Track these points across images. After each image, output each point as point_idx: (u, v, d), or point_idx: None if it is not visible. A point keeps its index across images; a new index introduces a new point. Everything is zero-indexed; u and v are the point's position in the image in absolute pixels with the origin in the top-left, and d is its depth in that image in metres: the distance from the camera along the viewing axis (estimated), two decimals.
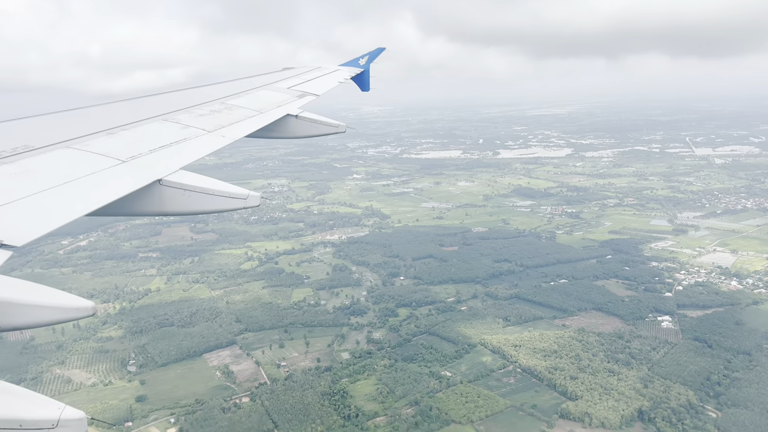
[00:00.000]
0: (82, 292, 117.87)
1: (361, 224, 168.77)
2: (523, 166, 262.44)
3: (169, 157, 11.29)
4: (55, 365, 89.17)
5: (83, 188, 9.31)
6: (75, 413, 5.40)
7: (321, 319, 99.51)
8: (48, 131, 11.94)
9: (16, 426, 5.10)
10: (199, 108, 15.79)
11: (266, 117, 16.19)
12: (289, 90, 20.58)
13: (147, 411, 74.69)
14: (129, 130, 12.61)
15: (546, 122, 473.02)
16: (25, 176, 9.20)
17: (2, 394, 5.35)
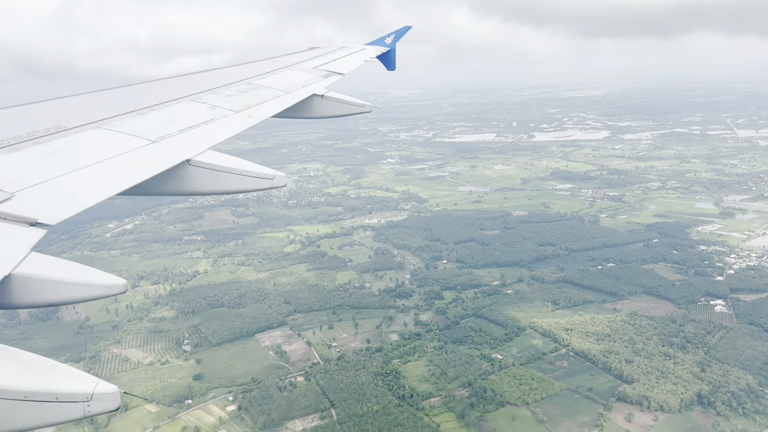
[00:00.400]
0: (132, 274, 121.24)
1: (399, 208, 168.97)
2: (560, 149, 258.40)
3: (197, 138, 11.38)
4: (112, 345, 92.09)
5: (114, 168, 9.44)
6: (108, 387, 5.44)
7: (367, 302, 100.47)
8: (79, 112, 12.09)
9: (52, 398, 5.16)
10: (226, 88, 15.87)
11: (292, 97, 16.18)
12: (315, 70, 20.50)
13: (205, 389, 76.80)
14: (158, 111, 12.78)
15: (580, 104, 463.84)
16: (58, 156, 9.33)
17: (40, 368, 5.43)
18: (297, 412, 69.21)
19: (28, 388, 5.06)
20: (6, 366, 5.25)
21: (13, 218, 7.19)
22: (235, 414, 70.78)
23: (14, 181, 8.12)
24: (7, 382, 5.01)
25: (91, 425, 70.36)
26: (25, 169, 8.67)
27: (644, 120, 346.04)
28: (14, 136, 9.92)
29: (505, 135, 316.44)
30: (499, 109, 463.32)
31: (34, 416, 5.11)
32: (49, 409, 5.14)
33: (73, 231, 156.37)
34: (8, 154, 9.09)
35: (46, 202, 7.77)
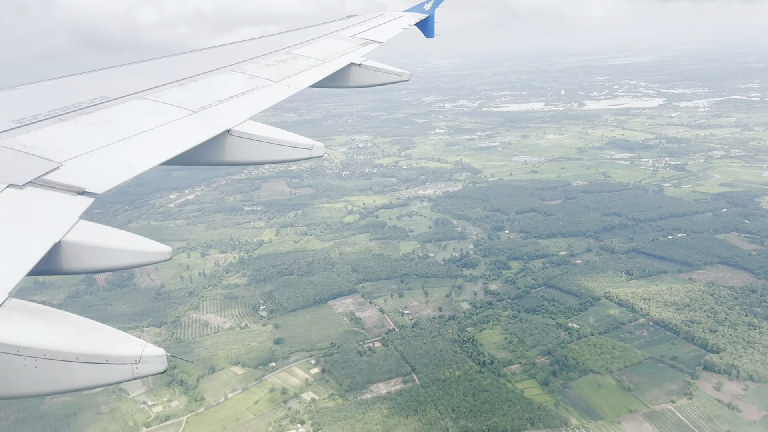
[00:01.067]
0: (200, 243, 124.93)
1: (453, 179, 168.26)
2: (614, 117, 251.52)
3: (237, 108, 11.38)
4: (190, 310, 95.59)
5: (158, 138, 9.48)
6: (156, 350, 5.51)
7: (434, 271, 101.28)
8: (123, 83, 12.19)
9: (102, 360, 5.27)
10: (265, 58, 15.77)
11: (330, 66, 16.04)
12: (353, 38, 20.22)
13: (287, 353, 79.36)
14: (199, 81, 12.77)
15: (630, 71, 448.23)
16: (103, 126, 9.40)
17: (91, 332, 5.55)
18: (380, 376, 71.05)
19: (80, 351, 5.19)
20: (60, 329, 5.38)
21: (61, 187, 7.32)
22: (319, 376, 73.10)
23: (62, 151, 8.24)
24: (60, 345, 5.15)
25: (182, 386, 73.82)
26: (71, 139, 8.77)
27: (699, 87, 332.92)
28: (61, 106, 10.01)
29: (554, 104, 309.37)
30: (544, 77, 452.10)
31: (86, 377, 5.25)
32: (100, 370, 5.26)
33: (137, 201, 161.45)
34: (56, 125, 9.19)
35: (92, 172, 7.89)
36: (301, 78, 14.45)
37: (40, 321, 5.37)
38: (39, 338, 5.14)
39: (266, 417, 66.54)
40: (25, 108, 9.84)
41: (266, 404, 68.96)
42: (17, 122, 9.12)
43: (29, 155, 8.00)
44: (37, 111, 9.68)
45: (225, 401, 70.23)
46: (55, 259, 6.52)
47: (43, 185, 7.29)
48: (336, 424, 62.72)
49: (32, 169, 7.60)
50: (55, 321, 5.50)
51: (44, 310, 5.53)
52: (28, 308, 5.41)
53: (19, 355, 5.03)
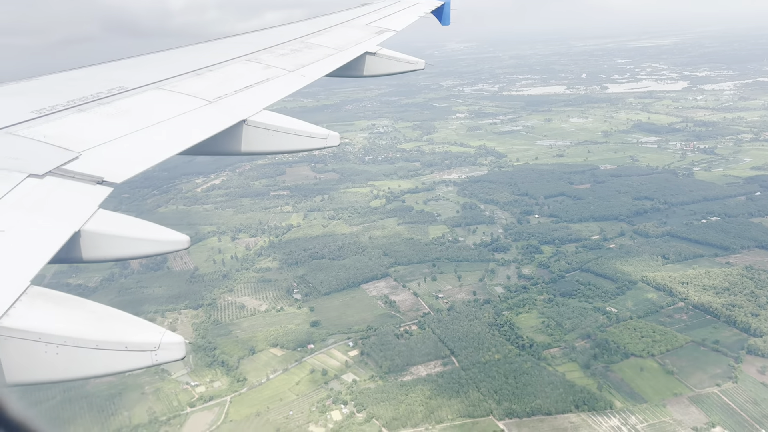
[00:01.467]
0: (230, 227, 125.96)
1: (477, 163, 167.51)
2: (638, 100, 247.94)
3: (252, 98, 11.40)
4: (225, 293, 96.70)
5: (175, 128, 9.50)
6: (175, 337, 5.55)
7: (465, 255, 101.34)
8: (140, 73, 12.19)
9: (122, 347, 5.32)
10: (280, 47, 15.69)
11: (345, 55, 15.92)
12: (368, 26, 19.99)
13: (324, 335, 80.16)
14: (215, 71, 12.76)
15: (651, 54, 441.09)
16: (120, 117, 9.41)
17: (110, 319, 5.59)
18: (419, 359, 71.61)
19: (100, 338, 5.24)
20: (80, 317, 5.42)
21: (80, 177, 7.30)
22: (358, 359, 73.83)
23: (81, 141, 8.24)
24: (81, 332, 5.21)
25: (223, 367, 75.00)
26: (90, 128, 8.78)
27: (723, 69, 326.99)
28: (79, 96, 10.03)
29: (576, 87, 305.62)
30: (564, 60, 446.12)
31: (106, 363, 5.31)
32: (120, 357, 5.31)
33: (163, 186, 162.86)
34: (74, 115, 9.23)
35: (111, 161, 7.90)
36: (316, 67, 14.46)
37: (61, 308, 5.40)
38: (60, 325, 5.17)
39: (308, 397, 67.48)
40: (45, 98, 9.88)
41: (308, 385, 69.90)
42: (37, 112, 9.15)
43: (49, 145, 8.03)
44: (56, 101, 9.71)
45: (267, 382, 71.31)
46: (74, 248, 6.54)
47: (63, 175, 7.31)
48: (379, 405, 63.45)
49: (52, 159, 7.62)
50: (75, 308, 5.52)
51: (65, 298, 5.58)
52: (49, 296, 5.43)
53: (40, 341, 5.07)
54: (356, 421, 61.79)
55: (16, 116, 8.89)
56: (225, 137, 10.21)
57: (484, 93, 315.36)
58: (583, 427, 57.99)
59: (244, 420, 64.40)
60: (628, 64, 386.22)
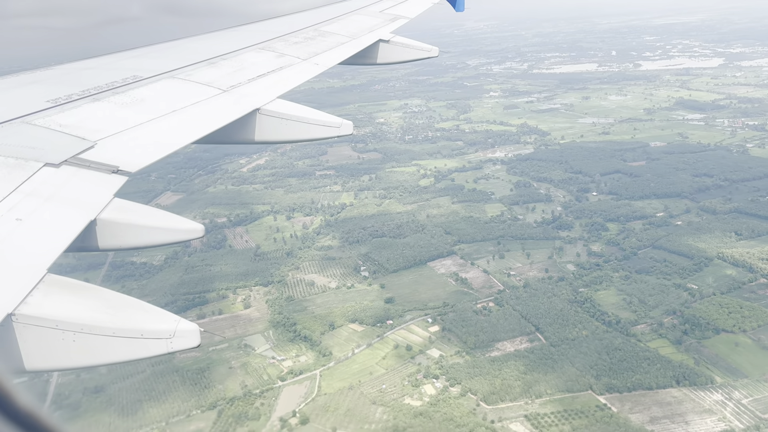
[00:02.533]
0: (284, 206, 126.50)
1: (521, 141, 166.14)
2: (675, 77, 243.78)
3: (266, 87, 11.38)
4: (292, 270, 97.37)
5: (189, 117, 9.49)
6: (189, 325, 5.58)
7: (529, 233, 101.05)
8: (154, 62, 12.18)
9: (138, 335, 5.35)
10: (293, 35, 15.55)
11: (358, 43, 15.74)
12: (381, 14, 19.72)
13: (400, 311, 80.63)
14: (228, 60, 12.71)
15: (679, 31, 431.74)
16: (135, 106, 9.42)
17: (126, 307, 5.61)
18: (503, 335, 71.91)
19: (116, 325, 5.30)
20: (95, 305, 5.44)
21: (96, 166, 7.34)
22: (440, 334, 74.26)
23: (96, 130, 8.25)
24: (98, 320, 5.25)
25: (306, 341, 75.84)
26: (105, 118, 8.79)
27: (757, 46, 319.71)
28: (95, 86, 10.03)
29: (607, 64, 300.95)
30: (590, 38, 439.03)
31: (122, 351, 5.36)
32: (136, 344, 5.36)
33: (208, 167, 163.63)
34: (90, 104, 9.22)
35: (126, 150, 7.92)
36: (329, 55, 14.32)
37: (78, 297, 5.43)
38: (77, 313, 5.20)
39: (398, 372, 68.14)
40: (61, 88, 9.88)
41: (394, 360, 70.55)
42: (53, 102, 9.15)
43: (65, 134, 8.05)
44: (71, 91, 9.71)
45: (353, 356, 72.08)
46: (90, 237, 6.56)
47: (79, 164, 7.34)
48: (473, 379, 63.93)
49: (68, 148, 7.64)
50: (92, 297, 5.55)
51: (81, 286, 5.60)
52: (66, 284, 5.46)
53: (58, 329, 5.09)
54: (451, 395, 62.31)
55: (32, 106, 8.89)
56: (238, 126, 10.23)
57: (513, 71, 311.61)
58: (687, 402, 58.08)
59: (338, 393, 65.22)
60: (657, 42, 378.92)
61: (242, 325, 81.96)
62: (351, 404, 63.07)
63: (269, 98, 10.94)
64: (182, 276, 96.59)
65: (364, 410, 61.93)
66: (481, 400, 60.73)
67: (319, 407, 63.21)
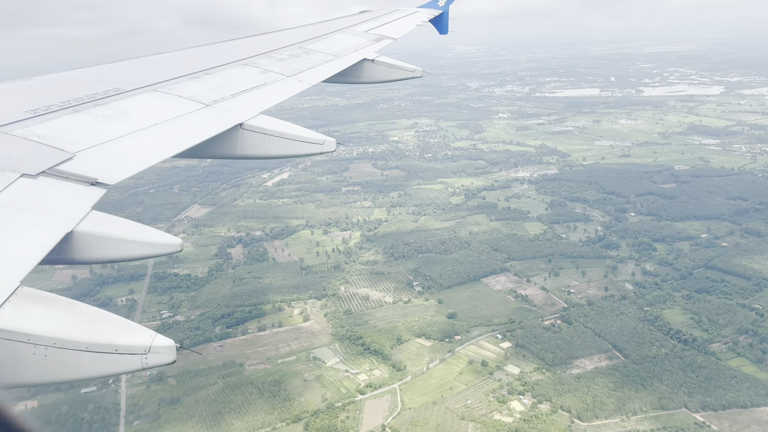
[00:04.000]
0: (318, 221, 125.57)
1: (543, 162, 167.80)
2: (681, 104, 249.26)
3: (249, 102, 11.45)
4: (342, 284, 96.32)
5: (170, 131, 9.51)
6: (165, 341, 5.52)
7: (578, 251, 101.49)
8: (136, 75, 12.17)
9: (112, 350, 5.28)
10: (278, 52, 15.72)
11: (343, 62, 15.98)
12: (366, 33, 20.13)
13: (466, 327, 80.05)
14: (212, 75, 12.74)
15: (672, 59, 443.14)
16: (116, 118, 9.44)
17: (100, 321, 5.55)
18: (580, 352, 71.72)
19: (89, 340, 5.22)
20: (69, 318, 5.38)
21: (74, 177, 7.35)
22: (513, 350, 73.73)
23: (75, 142, 8.29)
24: (71, 334, 5.18)
25: (377, 355, 74.71)
26: (85, 130, 8.79)
27: (754, 75, 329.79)
28: (75, 97, 10.04)
29: (609, 89, 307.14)
30: (584, 63, 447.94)
31: (95, 366, 5.28)
32: (109, 360, 5.29)
33: (231, 180, 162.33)
34: (70, 116, 9.21)
35: (105, 163, 7.92)
36: (314, 73, 14.46)
37: (51, 309, 5.37)
38: (49, 327, 5.15)
39: (479, 387, 67.36)
40: (40, 98, 9.84)
41: (471, 375, 69.79)
42: (32, 112, 9.12)
43: (43, 145, 8.03)
44: (51, 102, 9.68)
45: (427, 371, 71.12)
46: (67, 249, 6.56)
47: (56, 175, 7.33)
48: (563, 396, 63.45)
49: (45, 159, 7.63)
50: (65, 310, 5.50)
51: (55, 299, 5.53)
52: (39, 297, 5.39)
53: (29, 343, 5.04)
54: (542, 411, 61.68)
55: (10, 116, 8.86)
56: (221, 141, 10.24)
57: (516, 94, 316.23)
58: None
59: (422, 408, 64.20)
60: (653, 69, 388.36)
61: (306, 337, 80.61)
62: (439, 419, 62.07)
63: (253, 113, 10.91)
64: (232, 288, 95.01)
65: (454, 425, 60.98)
66: (576, 417, 60.20)
67: (406, 422, 62.10)
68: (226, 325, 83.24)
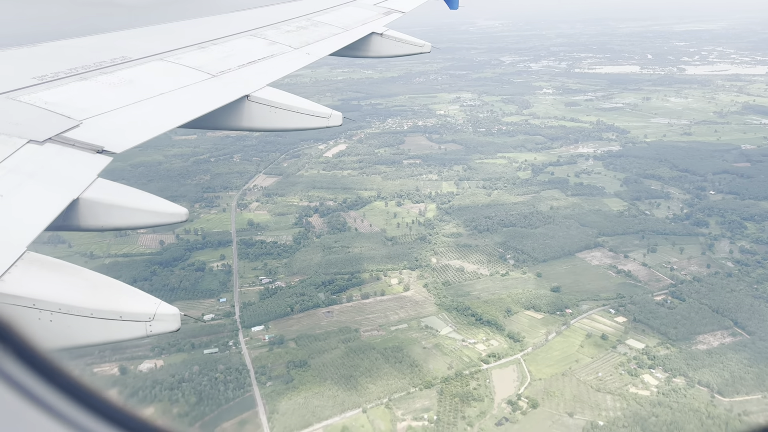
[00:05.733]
0: (390, 193, 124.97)
1: (603, 138, 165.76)
2: (729, 83, 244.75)
3: (256, 73, 11.27)
4: (431, 255, 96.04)
5: (177, 100, 9.37)
6: (170, 309, 5.51)
7: (669, 228, 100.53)
8: (144, 44, 11.94)
9: (116, 317, 5.28)
10: (286, 24, 15.44)
11: (351, 35, 15.69)
12: (375, 7, 19.59)
13: (573, 301, 79.72)
14: (219, 45, 12.55)
15: (706, 38, 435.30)
16: (123, 86, 9.31)
17: (106, 288, 5.52)
18: (701, 328, 71.36)
19: (94, 306, 5.23)
20: (75, 284, 5.36)
21: (81, 145, 7.27)
22: (629, 325, 73.45)
23: (82, 109, 8.13)
24: (76, 299, 5.17)
25: (490, 326, 74.57)
26: (92, 97, 8.62)
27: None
28: (82, 65, 9.82)
29: (650, 67, 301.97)
30: (616, 40, 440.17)
31: (100, 332, 5.29)
32: (114, 326, 5.30)
33: (290, 150, 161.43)
34: (76, 83, 9.03)
35: (112, 131, 7.83)
36: (321, 45, 14.12)
37: (57, 275, 5.36)
38: (55, 292, 5.14)
39: (605, 361, 67.32)
40: (47, 65, 9.64)
41: (593, 348, 69.67)
42: (39, 79, 8.95)
43: (50, 112, 7.91)
44: (58, 69, 9.46)
45: (547, 343, 71.09)
46: (72, 216, 6.55)
47: (63, 142, 7.27)
48: (697, 371, 63.28)
49: (52, 126, 7.54)
50: (71, 276, 5.49)
51: (61, 265, 5.46)
52: (46, 262, 5.33)
53: (35, 308, 5.02)
54: (678, 385, 61.58)
55: (17, 82, 8.71)
56: (227, 112, 10.15)
57: (554, 70, 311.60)
58: None
59: (552, 379, 64.30)
60: (690, 47, 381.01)
61: (411, 306, 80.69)
62: (573, 391, 62.16)
63: (259, 85, 10.75)
64: (324, 256, 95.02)
65: (590, 397, 61.07)
66: (716, 393, 60.04)
67: (539, 392, 62.25)
68: (331, 292, 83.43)
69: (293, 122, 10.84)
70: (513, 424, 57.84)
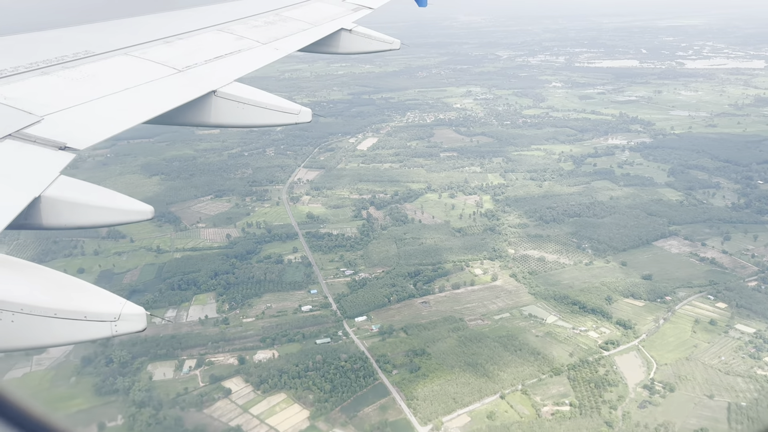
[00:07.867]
0: (439, 185, 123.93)
1: (632, 131, 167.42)
2: (733, 76, 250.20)
3: (223, 69, 11.19)
4: (506, 246, 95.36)
5: (141, 96, 9.33)
6: (135, 309, 5.48)
7: (734, 216, 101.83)
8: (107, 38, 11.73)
9: (81, 317, 5.21)
10: (253, 19, 15.44)
11: (320, 30, 15.70)
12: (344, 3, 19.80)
13: (668, 288, 79.97)
14: (185, 40, 12.42)
15: (692, 33, 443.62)
16: (86, 81, 9.18)
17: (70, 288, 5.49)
18: None
19: (58, 306, 5.17)
20: (39, 284, 5.32)
21: (42, 141, 7.16)
22: (733, 310, 74.03)
23: (43, 105, 8.07)
24: (39, 300, 5.11)
25: (595, 314, 74.32)
26: (54, 93, 8.54)
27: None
28: (44, 59, 9.68)
29: (649, 61, 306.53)
30: (605, 36, 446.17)
31: (63, 333, 5.21)
32: (78, 326, 5.22)
33: (321, 144, 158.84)
34: (38, 78, 8.88)
35: (75, 127, 7.75)
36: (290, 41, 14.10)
37: (20, 275, 5.32)
38: (17, 292, 5.08)
39: (722, 345, 67.68)
40: (6, 59, 9.44)
41: (706, 333, 70.02)
42: None
43: (9, 107, 7.75)
44: (18, 63, 9.29)
45: (658, 330, 71.21)
46: (34, 214, 6.42)
47: (24, 138, 7.09)
48: None
49: (12, 121, 7.36)
50: (35, 276, 5.44)
51: (25, 265, 5.43)
52: (8, 262, 5.30)
53: None
54: None
55: None
56: (194, 108, 9.98)
57: (554, 64, 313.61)
58: None
59: (677, 363, 64.41)
60: (679, 42, 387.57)
61: (506, 296, 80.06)
62: (703, 374, 62.35)
63: (226, 80, 10.56)
64: (400, 248, 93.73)
65: (721, 380, 61.35)
66: None
67: (670, 376, 62.31)
68: (422, 282, 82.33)
69: (262, 118, 10.55)
70: (656, 407, 57.77)
